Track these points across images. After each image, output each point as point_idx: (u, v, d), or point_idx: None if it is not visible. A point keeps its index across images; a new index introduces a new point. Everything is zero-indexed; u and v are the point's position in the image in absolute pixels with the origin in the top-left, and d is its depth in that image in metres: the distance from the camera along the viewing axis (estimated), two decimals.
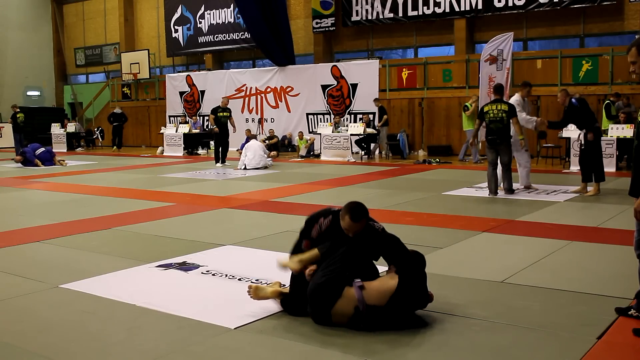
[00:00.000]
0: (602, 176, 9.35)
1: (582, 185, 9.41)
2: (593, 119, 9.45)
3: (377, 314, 3.74)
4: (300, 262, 3.99)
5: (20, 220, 8.02)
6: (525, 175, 9.96)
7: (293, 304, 4.08)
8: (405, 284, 3.80)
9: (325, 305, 3.79)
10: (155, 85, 25.10)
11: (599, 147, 9.48)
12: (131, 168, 15.50)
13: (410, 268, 3.90)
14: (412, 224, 7.19)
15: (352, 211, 3.89)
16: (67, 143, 23.80)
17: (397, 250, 3.97)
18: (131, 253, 5.97)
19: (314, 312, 3.87)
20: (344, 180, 11.92)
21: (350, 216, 3.88)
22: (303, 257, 4.00)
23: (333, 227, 4.00)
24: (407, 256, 3.96)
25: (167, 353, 3.52)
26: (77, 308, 4.33)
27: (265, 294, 4.17)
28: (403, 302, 3.78)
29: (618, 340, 3.59)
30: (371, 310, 3.74)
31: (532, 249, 5.85)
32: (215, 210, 8.54)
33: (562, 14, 17.44)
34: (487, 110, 9.24)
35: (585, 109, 9.34)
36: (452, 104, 18.12)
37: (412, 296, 3.83)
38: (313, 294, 3.84)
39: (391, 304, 3.75)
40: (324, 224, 4.03)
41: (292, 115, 20.83)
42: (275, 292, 4.16)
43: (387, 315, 3.76)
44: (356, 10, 20.50)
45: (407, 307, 3.83)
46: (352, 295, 3.77)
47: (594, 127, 9.35)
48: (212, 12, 24.19)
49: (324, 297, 3.79)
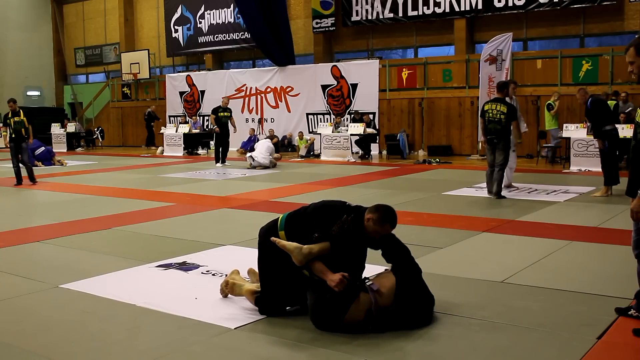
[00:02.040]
0: (611, 179, 9.14)
1: (603, 189, 9.20)
2: (604, 122, 9.18)
3: (387, 315, 3.73)
4: (310, 254, 3.75)
5: (20, 220, 8.02)
6: (510, 175, 9.91)
7: (270, 304, 4.03)
8: (403, 281, 3.79)
9: (339, 316, 3.71)
10: (155, 85, 25.10)
11: (611, 151, 9.24)
12: (131, 168, 15.50)
13: (407, 265, 3.89)
14: (412, 224, 7.18)
15: (393, 219, 3.85)
16: (67, 143, 23.82)
17: (398, 248, 3.96)
18: (131, 253, 5.97)
19: (325, 323, 3.75)
20: (344, 180, 11.92)
21: (391, 224, 3.84)
22: (313, 249, 3.74)
23: (354, 227, 3.81)
24: (406, 254, 3.95)
25: (167, 353, 3.52)
26: (77, 308, 4.33)
27: (240, 291, 4.15)
28: (407, 299, 3.76)
29: (618, 340, 3.58)
30: (381, 312, 3.72)
31: (532, 249, 5.84)
32: (215, 210, 8.53)
33: (562, 14, 17.44)
34: (487, 109, 9.18)
35: (596, 111, 9.15)
36: (452, 104, 18.12)
37: (413, 291, 3.81)
38: (328, 306, 3.71)
39: (397, 302, 3.74)
40: (347, 221, 3.79)
41: (292, 115, 20.83)
42: (250, 291, 4.13)
43: (396, 314, 3.74)
44: (356, 10, 20.50)
45: (413, 304, 3.80)
46: (366, 300, 3.71)
47: (602, 132, 9.18)
48: (212, 12, 24.19)
49: (340, 309, 3.69)
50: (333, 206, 3.93)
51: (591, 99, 9.27)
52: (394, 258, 3.95)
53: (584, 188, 9.98)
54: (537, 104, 16.58)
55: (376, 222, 3.78)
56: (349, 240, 3.79)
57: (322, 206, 3.95)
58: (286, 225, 3.98)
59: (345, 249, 3.80)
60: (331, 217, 3.83)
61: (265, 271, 4.06)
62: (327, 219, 3.82)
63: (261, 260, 4.10)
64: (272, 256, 3.98)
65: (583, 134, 12.86)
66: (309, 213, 3.95)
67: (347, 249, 3.81)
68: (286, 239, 3.90)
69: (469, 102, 17.70)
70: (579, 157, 12.95)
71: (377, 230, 3.80)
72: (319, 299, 3.75)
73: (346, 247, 3.80)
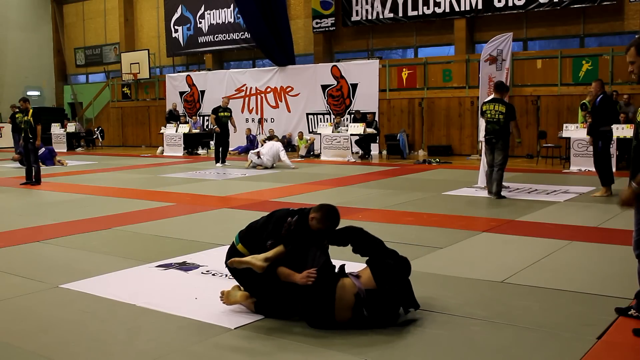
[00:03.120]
0: (607, 179, 9.15)
1: (602, 189, 9.20)
2: (605, 122, 9.17)
3: (376, 297, 3.76)
4: (267, 260, 3.89)
5: (20, 220, 8.02)
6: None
7: (268, 307, 4.05)
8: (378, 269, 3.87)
9: (327, 308, 3.75)
10: (155, 85, 25.09)
11: (604, 151, 9.25)
12: (131, 168, 15.50)
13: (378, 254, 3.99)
14: (412, 224, 7.19)
15: (333, 218, 4.02)
16: (67, 143, 23.82)
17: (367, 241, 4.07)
18: (131, 253, 5.97)
19: (317, 319, 3.80)
20: (344, 180, 11.92)
21: (332, 223, 4.03)
22: (268, 255, 3.91)
23: (299, 226, 3.99)
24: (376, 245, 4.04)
25: (167, 353, 3.52)
26: (77, 308, 4.33)
27: (235, 299, 4.16)
28: (387, 281, 3.81)
29: (618, 340, 3.59)
30: (370, 294, 3.77)
31: (532, 249, 5.84)
32: (215, 210, 8.54)
33: (562, 14, 17.44)
34: (485, 109, 9.20)
35: (603, 109, 9.11)
36: (452, 104, 18.12)
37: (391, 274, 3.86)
38: (311, 302, 3.79)
39: (380, 285, 3.79)
40: (293, 223, 3.99)
41: (292, 115, 20.83)
42: (245, 296, 4.14)
43: (385, 297, 3.78)
44: (356, 10, 20.50)
45: (396, 285, 3.84)
46: (350, 283, 3.81)
47: (597, 131, 9.18)
48: (212, 12, 24.19)
49: (324, 301, 3.76)
50: (278, 213, 4.14)
51: (602, 95, 9.22)
52: (364, 251, 4.06)
53: (584, 188, 9.98)
54: (537, 104, 16.58)
55: (319, 220, 3.98)
56: (298, 238, 3.97)
57: (269, 216, 4.17)
58: (241, 240, 4.19)
59: (299, 247, 3.94)
60: (278, 223, 4.04)
61: (251, 288, 4.13)
62: (275, 226, 4.04)
63: (241, 283, 4.20)
64: (245, 276, 4.07)
65: (583, 134, 12.86)
66: (260, 225, 4.16)
67: (300, 247, 3.95)
68: (247, 251, 4.09)
69: (469, 102, 17.70)
70: (579, 157, 12.97)
71: (320, 228, 3.99)
72: (305, 297, 3.82)
73: (299, 245, 3.95)
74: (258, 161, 14.54)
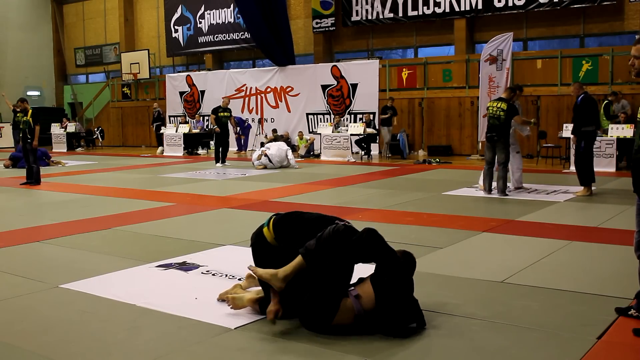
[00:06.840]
0: (587, 179, 9.18)
1: (583, 189, 9.25)
2: (586, 122, 9.18)
3: (375, 318, 3.71)
4: (286, 279, 3.74)
5: (20, 220, 8.01)
6: (519, 177, 9.93)
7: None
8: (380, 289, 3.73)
9: (325, 321, 3.71)
10: (155, 85, 25.10)
11: (587, 151, 9.24)
12: (131, 168, 15.50)
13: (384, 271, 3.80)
14: (412, 224, 7.19)
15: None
16: (67, 143, 23.81)
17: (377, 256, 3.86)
18: (131, 253, 5.97)
19: (314, 327, 3.76)
20: (344, 180, 11.92)
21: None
22: (288, 272, 3.76)
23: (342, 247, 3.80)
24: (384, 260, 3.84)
25: (167, 353, 3.52)
26: (77, 308, 4.33)
27: (243, 303, 4.10)
28: (387, 304, 3.70)
29: (618, 340, 3.58)
30: (370, 315, 3.72)
31: (532, 249, 5.84)
32: (215, 210, 8.53)
33: (562, 14, 17.45)
34: (488, 106, 9.38)
35: (584, 109, 9.18)
36: (452, 104, 18.13)
37: (392, 296, 3.72)
38: (311, 312, 3.74)
39: (379, 306, 3.70)
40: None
41: (292, 115, 20.83)
42: (252, 300, 4.09)
43: (381, 317, 3.70)
44: (356, 10, 20.51)
45: (394, 307, 3.72)
46: (350, 306, 3.72)
47: (580, 131, 9.19)
48: (212, 12, 24.20)
49: (323, 314, 3.70)
50: (338, 227, 3.80)
51: (583, 95, 9.28)
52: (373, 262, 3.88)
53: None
54: (537, 104, 16.58)
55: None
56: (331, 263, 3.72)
57: (325, 220, 3.91)
58: (275, 225, 3.95)
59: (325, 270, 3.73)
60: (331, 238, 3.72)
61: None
62: (326, 240, 3.71)
63: (257, 264, 4.07)
64: (265, 259, 3.99)
65: None
66: (309, 222, 3.91)
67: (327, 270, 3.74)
68: (272, 235, 3.92)
69: (469, 102, 17.70)
70: None
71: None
72: (306, 303, 3.74)
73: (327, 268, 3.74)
74: (265, 161, 14.49)
